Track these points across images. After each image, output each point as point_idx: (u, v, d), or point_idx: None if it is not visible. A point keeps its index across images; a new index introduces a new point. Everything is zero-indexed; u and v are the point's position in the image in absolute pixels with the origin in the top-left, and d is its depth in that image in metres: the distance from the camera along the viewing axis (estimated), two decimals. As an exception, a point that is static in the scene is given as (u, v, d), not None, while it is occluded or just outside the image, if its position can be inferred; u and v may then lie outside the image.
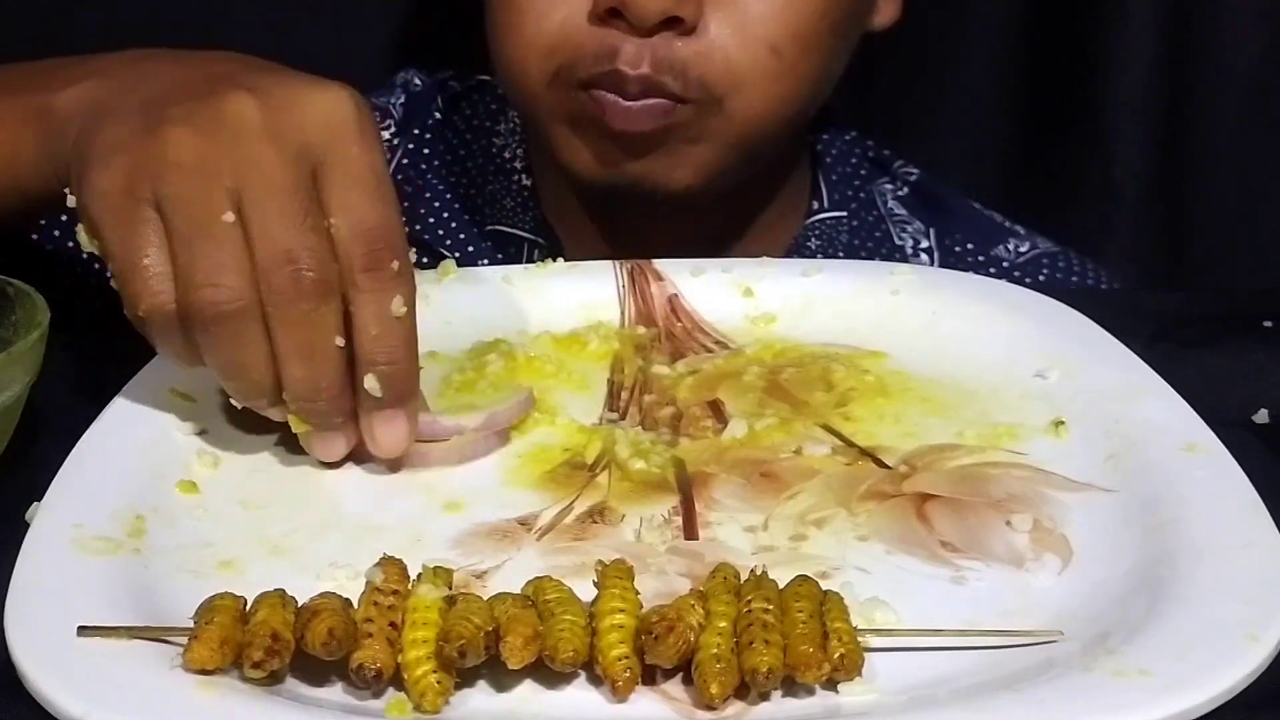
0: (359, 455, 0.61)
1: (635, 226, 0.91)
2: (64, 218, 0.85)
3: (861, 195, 1.00)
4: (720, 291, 0.75)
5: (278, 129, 0.58)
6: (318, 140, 0.58)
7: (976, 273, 0.96)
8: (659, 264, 0.77)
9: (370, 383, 0.58)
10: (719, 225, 0.94)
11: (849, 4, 0.87)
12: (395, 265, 0.58)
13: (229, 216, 0.56)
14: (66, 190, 0.61)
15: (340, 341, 0.58)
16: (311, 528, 0.57)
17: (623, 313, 0.75)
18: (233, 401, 0.60)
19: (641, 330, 0.74)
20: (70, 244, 0.61)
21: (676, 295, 0.76)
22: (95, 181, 0.58)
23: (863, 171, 1.02)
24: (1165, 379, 0.65)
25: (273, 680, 0.47)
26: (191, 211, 0.57)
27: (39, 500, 0.55)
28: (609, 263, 0.77)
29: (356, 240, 0.57)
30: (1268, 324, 0.75)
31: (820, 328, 0.73)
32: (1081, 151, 1.17)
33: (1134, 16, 1.13)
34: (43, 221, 0.90)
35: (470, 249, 0.96)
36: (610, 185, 0.87)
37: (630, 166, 0.86)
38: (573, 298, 0.75)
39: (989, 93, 1.19)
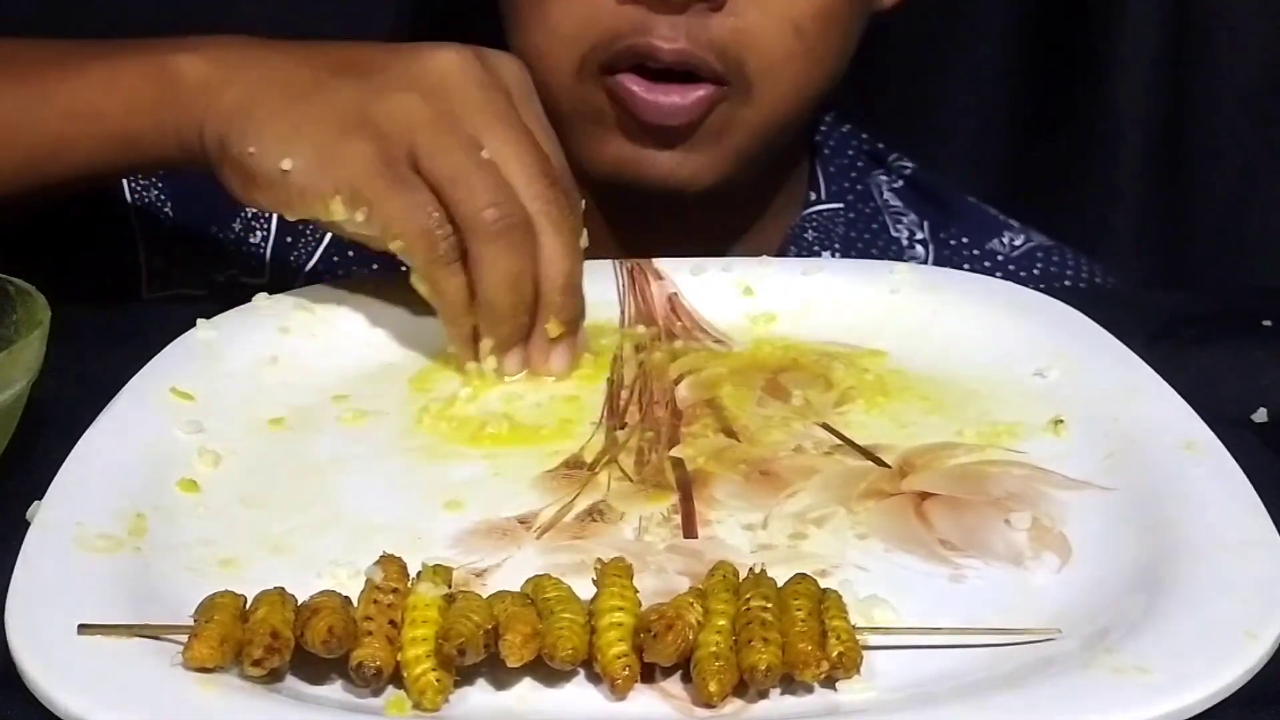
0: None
1: (639, 226, 0.91)
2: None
3: (858, 187, 1.00)
4: (720, 290, 0.75)
5: (482, 77, 0.67)
6: (513, 88, 0.68)
7: (971, 266, 0.96)
8: (659, 263, 0.77)
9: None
10: (721, 222, 0.93)
11: None
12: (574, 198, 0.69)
13: (485, 153, 0.65)
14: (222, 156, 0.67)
15: None
16: (311, 526, 0.57)
17: (623, 312, 0.75)
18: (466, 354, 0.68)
19: (641, 329, 0.74)
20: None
21: (676, 294, 0.76)
22: (348, 157, 0.65)
23: (859, 164, 1.01)
24: (1164, 378, 0.65)
25: (273, 678, 0.47)
26: (452, 158, 0.65)
27: (40, 499, 0.55)
28: (609, 262, 0.77)
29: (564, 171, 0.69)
30: (1268, 324, 0.75)
31: (820, 326, 0.74)
32: (1082, 152, 1.17)
33: (1135, 17, 1.14)
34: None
35: None
36: (631, 185, 0.86)
37: (656, 162, 0.85)
38: (573, 297, 0.75)
39: (990, 93, 1.20)
